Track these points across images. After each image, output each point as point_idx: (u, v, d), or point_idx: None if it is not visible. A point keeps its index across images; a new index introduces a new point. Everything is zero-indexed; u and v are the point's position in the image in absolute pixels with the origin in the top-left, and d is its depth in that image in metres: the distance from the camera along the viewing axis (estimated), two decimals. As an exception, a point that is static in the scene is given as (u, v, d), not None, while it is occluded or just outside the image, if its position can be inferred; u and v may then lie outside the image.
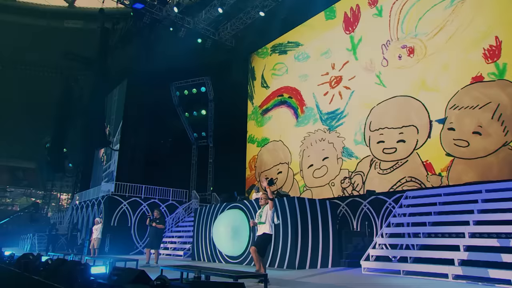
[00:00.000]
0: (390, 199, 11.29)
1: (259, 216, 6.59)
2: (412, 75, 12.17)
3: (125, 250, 15.68)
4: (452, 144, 10.68)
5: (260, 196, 6.69)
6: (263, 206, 6.65)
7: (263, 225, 6.43)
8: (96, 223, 12.05)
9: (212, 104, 21.78)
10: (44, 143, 34.10)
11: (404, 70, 12.44)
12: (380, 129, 12.71)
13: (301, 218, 9.58)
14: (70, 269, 4.66)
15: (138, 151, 20.83)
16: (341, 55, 14.88)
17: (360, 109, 13.60)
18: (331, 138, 14.51)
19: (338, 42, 15.13)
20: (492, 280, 6.45)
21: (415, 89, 12.01)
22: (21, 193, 53.83)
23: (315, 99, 15.70)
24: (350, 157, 13.55)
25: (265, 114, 18.48)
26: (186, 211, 18.36)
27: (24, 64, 31.80)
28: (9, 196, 52.62)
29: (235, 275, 4.75)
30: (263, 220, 6.47)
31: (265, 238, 6.36)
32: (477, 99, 10.36)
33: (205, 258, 11.82)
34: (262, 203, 6.67)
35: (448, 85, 11.13)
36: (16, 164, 51.72)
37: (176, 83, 21.73)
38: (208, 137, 22.22)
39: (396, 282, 6.93)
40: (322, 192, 14.09)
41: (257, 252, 6.29)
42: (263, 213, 6.53)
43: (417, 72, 12.05)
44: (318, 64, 15.89)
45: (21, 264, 6.17)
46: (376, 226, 11.29)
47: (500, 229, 7.60)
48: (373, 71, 13.46)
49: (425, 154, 11.27)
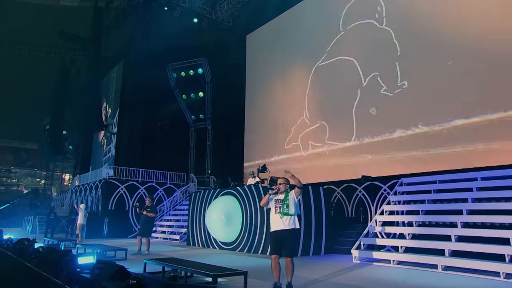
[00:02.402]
0: (385, 185, 11.15)
1: (284, 206, 5.11)
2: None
3: (123, 233, 15.84)
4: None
5: (279, 181, 5.33)
6: (283, 193, 5.22)
7: (292, 217, 5.09)
8: (79, 210, 12.09)
9: (210, 86, 21.43)
10: (44, 125, 34.11)
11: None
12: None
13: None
14: (57, 259, 4.65)
15: (135, 134, 20.71)
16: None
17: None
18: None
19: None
20: (481, 271, 6.37)
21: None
22: (25, 173, 54.50)
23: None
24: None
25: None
26: (183, 194, 18.40)
27: (21, 44, 31.32)
28: (14, 176, 53.33)
29: (213, 274, 4.67)
30: (291, 211, 5.09)
31: (297, 235, 5.37)
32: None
33: (200, 244, 11.87)
34: (282, 189, 5.24)
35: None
36: (19, 145, 52.12)
37: (172, 65, 21.32)
38: (206, 120, 22.01)
39: (383, 272, 6.88)
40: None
41: (293, 257, 5.07)
42: (290, 202, 5.12)
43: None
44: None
45: (16, 250, 6.24)
46: (371, 213, 11.21)
47: (493, 219, 7.47)
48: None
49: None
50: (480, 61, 9.90)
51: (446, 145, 10.38)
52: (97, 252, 7.86)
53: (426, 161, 10.79)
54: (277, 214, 5.19)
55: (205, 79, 21.33)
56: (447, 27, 10.82)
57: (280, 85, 17.24)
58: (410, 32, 11.79)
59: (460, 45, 10.41)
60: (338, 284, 5.81)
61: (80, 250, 9.19)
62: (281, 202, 5.18)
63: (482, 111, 9.73)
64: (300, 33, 16.53)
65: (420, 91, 11.22)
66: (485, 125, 9.66)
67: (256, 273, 6.47)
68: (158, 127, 21.58)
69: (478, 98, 9.87)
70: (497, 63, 9.60)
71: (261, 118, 18.19)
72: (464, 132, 10.05)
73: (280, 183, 5.29)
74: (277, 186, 5.29)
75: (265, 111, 17.99)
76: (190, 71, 21.36)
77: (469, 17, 10.41)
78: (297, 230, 5.18)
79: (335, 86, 14.27)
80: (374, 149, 12.29)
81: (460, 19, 10.61)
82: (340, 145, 13.51)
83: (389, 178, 11.26)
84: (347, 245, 9.67)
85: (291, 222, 5.09)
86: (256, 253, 9.62)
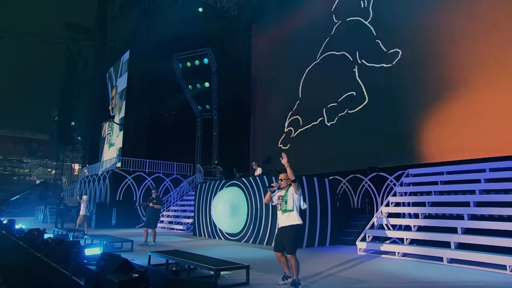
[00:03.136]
0: (391, 176, 11.04)
1: (283, 202, 5.00)
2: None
3: (131, 223, 16.06)
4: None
5: (280, 177, 5.15)
6: (285, 189, 5.07)
7: (291, 213, 4.93)
8: (82, 201, 12.31)
9: (215, 76, 21.30)
10: (53, 116, 34.47)
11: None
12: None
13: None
14: (65, 250, 4.76)
15: (142, 125, 20.81)
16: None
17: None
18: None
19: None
20: (486, 264, 6.30)
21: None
22: (37, 163, 55.54)
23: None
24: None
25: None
26: (190, 185, 18.51)
27: (29, 35, 31.51)
28: (26, 166, 54.36)
29: (215, 268, 4.69)
30: (289, 207, 4.94)
31: (297, 231, 4.98)
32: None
33: (206, 235, 11.97)
34: (283, 185, 5.09)
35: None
36: (30, 136, 52.99)
37: (178, 55, 21.20)
38: (212, 110, 21.95)
39: (388, 265, 6.85)
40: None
41: (292, 254, 4.83)
42: (288, 198, 4.98)
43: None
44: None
45: (27, 240, 6.40)
46: (377, 203, 11.13)
47: (502, 212, 7.33)
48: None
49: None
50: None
51: (454, 134, 10.18)
52: (104, 243, 7.97)
53: (434, 152, 10.62)
54: (279, 211, 5.08)
55: (210, 69, 21.19)
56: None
57: (287, 74, 17.04)
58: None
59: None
60: (340, 277, 5.80)
61: (87, 241, 9.35)
62: (281, 198, 5.06)
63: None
64: (306, 20, 16.25)
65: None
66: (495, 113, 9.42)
67: (260, 265, 6.50)
68: (164, 117, 21.62)
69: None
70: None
71: (268, 107, 18.08)
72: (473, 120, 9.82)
73: (281, 179, 5.09)
74: (276, 184, 5.17)
75: (272, 100, 17.86)
76: (196, 61, 21.23)
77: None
78: (296, 226, 4.94)
79: (338, 77, 14.06)
80: (381, 139, 12.13)
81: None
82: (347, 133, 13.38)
83: (395, 168, 11.13)
84: (353, 236, 9.66)
85: (290, 219, 4.94)
86: (261, 244, 9.67)
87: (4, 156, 50.62)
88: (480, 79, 9.80)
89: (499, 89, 9.33)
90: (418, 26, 11.50)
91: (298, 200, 5.03)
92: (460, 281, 5.58)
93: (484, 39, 9.80)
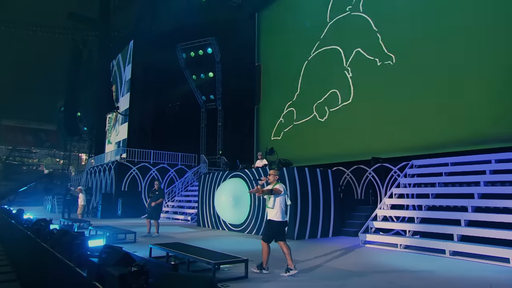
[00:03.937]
0: (395, 167, 10.93)
1: (267, 199, 5.50)
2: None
3: (136, 213, 16.23)
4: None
5: (269, 172, 5.61)
6: (273, 184, 5.53)
7: (271, 210, 5.41)
8: (80, 191, 12.48)
9: (219, 66, 21.16)
10: (59, 106, 34.67)
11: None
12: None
13: (301, 188, 9.46)
14: (69, 241, 4.85)
15: (146, 115, 20.85)
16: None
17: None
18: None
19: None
20: (489, 257, 6.25)
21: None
22: (45, 153, 56.16)
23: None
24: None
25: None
26: (195, 175, 18.59)
27: (34, 26, 31.45)
28: (35, 156, 55.05)
29: (214, 262, 4.71)
30: (270, 205, 5.42)
31: (279, 225, 5.39)
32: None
33: (209, 225, 12.05)
34: (271, 180, 5.56)
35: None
36: (38, 126, 53.47)
37: (182, 45, 21.06)
38: (216, 100, 21.87)
39: (389, 257, 6.83)
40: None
41: (266, 243, 5.38)
42: (270, 197, 5.44)
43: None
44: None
45: (34, 230, 6.52)
46: (381, 195, 11.06)
47: (507, 204, 7.22)
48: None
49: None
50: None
51: (459, 125, 10.02)
52: (107, 235, 8.06)
53: (438, 142, 10.48)
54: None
55: (214, 59, 21.05)
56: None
57: (291, 63, 16.84)
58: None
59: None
60: (339, 269, 5.79)
61: (92, 232, 9.47)
62: (267, 196, 5.52)
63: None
64: (312, 9, 15.96)
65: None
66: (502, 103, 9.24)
67: (260, 258, 6.49)
68: (169, 108, 21.62)
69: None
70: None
71: (273, 96, 17.94)
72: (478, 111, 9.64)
73: (270, 174, 5.57)
74: (264, 178, 5.70)
75: (276, 89, 17.71)
76: (200, 51, 21.08)
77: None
78: (276, 222, 5.37)
79: (342, 66, 13.85)
80: (385, 130, 12.00)
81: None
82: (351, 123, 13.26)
83: (399, 159, 11.02)
84: (356, 227, 9.65)
85: (272, 214, 5.41)
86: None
87: (13, 147, 51.24)
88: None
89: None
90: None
91: (282, 201, 5.44)
92: (461, 274, 5.54)
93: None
